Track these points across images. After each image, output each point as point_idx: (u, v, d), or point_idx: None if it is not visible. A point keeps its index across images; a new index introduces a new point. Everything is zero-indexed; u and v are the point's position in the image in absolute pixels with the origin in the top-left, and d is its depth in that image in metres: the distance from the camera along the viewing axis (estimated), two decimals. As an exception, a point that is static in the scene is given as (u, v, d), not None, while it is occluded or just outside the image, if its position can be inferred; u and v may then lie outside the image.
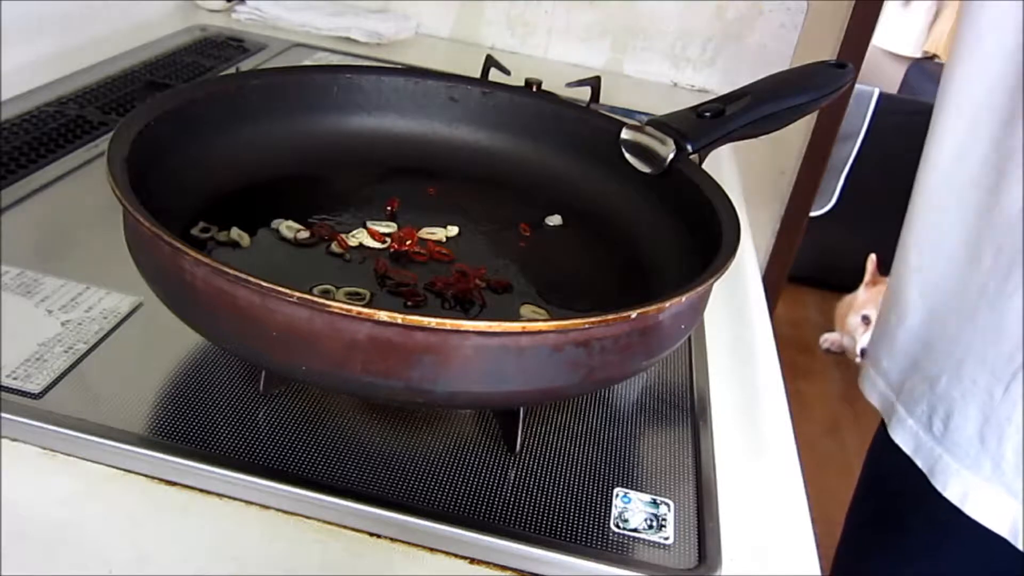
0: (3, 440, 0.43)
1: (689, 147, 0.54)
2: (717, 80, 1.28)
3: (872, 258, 2.16)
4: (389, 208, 0.60)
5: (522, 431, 0.47)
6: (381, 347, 0.37)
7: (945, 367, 0.57)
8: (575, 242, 0.60)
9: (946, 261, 0.58)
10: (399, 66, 1.07)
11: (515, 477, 0.45)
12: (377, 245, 0.56)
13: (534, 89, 0.84)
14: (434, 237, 0.58)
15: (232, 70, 0.98)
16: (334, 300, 0.35)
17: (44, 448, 0.43)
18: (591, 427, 0.50)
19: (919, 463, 0.60)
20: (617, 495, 0.45)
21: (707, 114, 0.56)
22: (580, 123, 0.63)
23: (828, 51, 1.28)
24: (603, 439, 0.49)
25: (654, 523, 0.43)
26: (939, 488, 0.58)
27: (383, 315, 0.35)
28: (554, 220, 0.62)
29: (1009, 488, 0.54)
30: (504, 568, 0.41)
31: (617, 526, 0.43)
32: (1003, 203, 0.52)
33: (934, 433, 0.58)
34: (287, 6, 1.19)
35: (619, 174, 0.59)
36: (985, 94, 0.54)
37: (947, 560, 0.61)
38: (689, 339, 0.59)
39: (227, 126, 0.57)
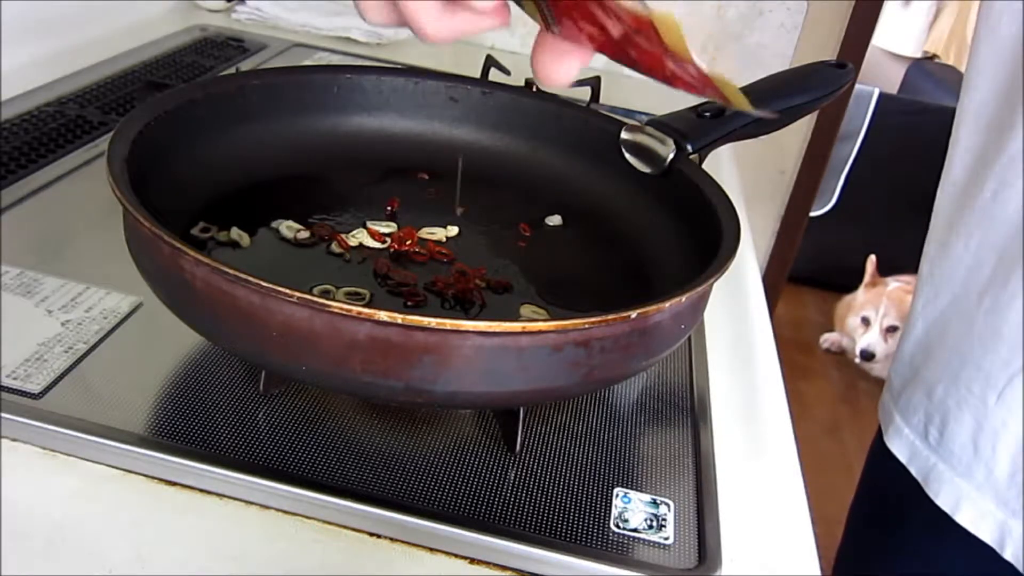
0: (3, 440, 0.43)
1: (689, 147, 0.54)
2: (717, 80, 1.27)
3: (872, 259, 2.16)
4: (389, 208, 0.60)
5: (522, 431, 0.47)
6: (381, 347, 0.37)
7: (942, 375, 0.57)
8: (575, 242, 0.60)
9: (951, 269, 0.58)
10: (399, 66, 1.07)
11: (515, 477, 0.45)
12: (377, 245, 0.56)
13: (534, 89, 0.84)
14: (434, 237, 0.58)
15: (232, 70, 0.98)
16: (334, 300, 0.35)
17: (44, 448, 0.43)
18: (591, 427, 0.50)
19: (913, 472, 0.60)
20: (617, 495, 0.45)
21: (707, 114, 0.56)
22: (580, 123, 0.63)
23: (828, 51, 1.28)
24: (603, 439, 0.49)
25: (654, 523, 0.43)
26: (932, 496, 0.58)
27: (383, 315, 0.35)
28: (554, 220, 0.62)
29: (999, 496, 0.54)
30: (504, 568, 0.41)
31: (617, 526, 0.43)
32: (1005, 209, 0.52)
33: (929, 442, 0.58)
34: (287, 6, 1.19)
35: (619, 174, 0.58)
36: (993, 102, 0.54)
37: (944, 565, 0.61)
38: (689, 339, 0.59)
39: (227, 126, 0.57)
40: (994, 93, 0.54)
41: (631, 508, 0.44)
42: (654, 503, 0.45)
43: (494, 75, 0.88)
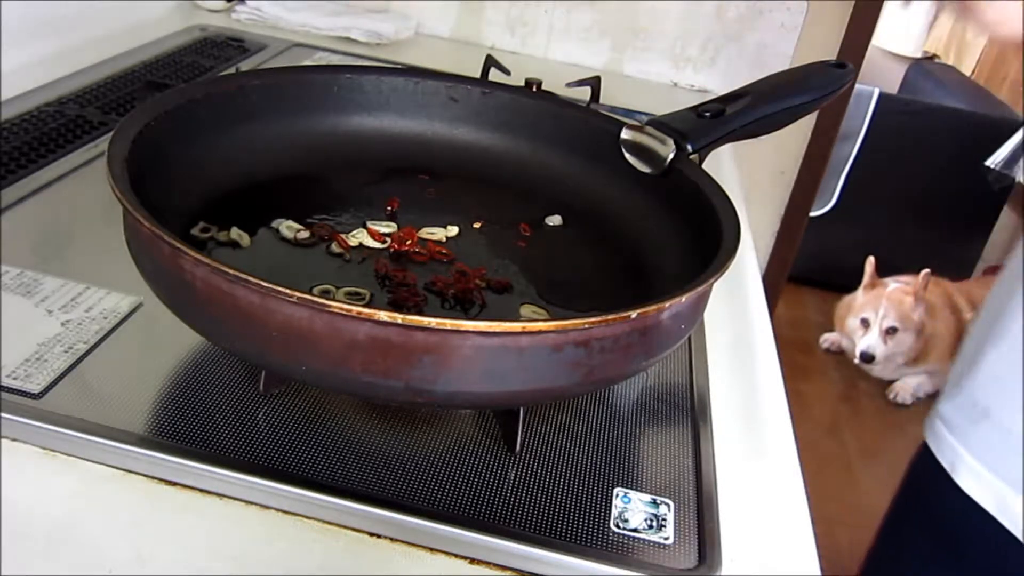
0: (3, 440, 0.43)
1: (689, 147, 0.54)
2: (717, 80, 1.28)
3: (871, 260, 2.16)
4: (389, 208, 0.60)
5: (522, 431, 0.47)
6: (381, 347, 0.37)
7: None
8: (575, 242, 0.60)
9: (1017, 308, 0.56)
10: (399, 66, 1.07)
11: (515, 477, 0.45)
12: (377, 245, 0.56)
13: (534, 89, 0.84)
14: (434, 237, 0.58)
15: (232, 70, 0.98)
16: (334, 300, 0.35)
17: (44, 448, 0.43)
18: (591, 427, 0.50)
19: (1006, 523, 0.57)
20: (617, 495, 0.45)
21: (707, 114, 0.56)
22: (580, 123, 0.63)
23: (828, 51, 1.28)
24: (603, 439, 0.49)
25: (654, 523, 0.43)
26: None
27: (383, 315, 0.35)
28: (554, 220, 0.62)
29: None
30: (504, 568, 0.41)
31: (617, 526, 0.43)
32: None
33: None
34: (287, 6, 1.19)
35: (619, 174, 0.58)
36: None
37: None
38: (689, 339, 0.59)
39: (227, 126, 0.57)
40: None
41: (631, 508, 0.44)
42: (654, 503, 0.45)
43: (494, 75, 0.88)
